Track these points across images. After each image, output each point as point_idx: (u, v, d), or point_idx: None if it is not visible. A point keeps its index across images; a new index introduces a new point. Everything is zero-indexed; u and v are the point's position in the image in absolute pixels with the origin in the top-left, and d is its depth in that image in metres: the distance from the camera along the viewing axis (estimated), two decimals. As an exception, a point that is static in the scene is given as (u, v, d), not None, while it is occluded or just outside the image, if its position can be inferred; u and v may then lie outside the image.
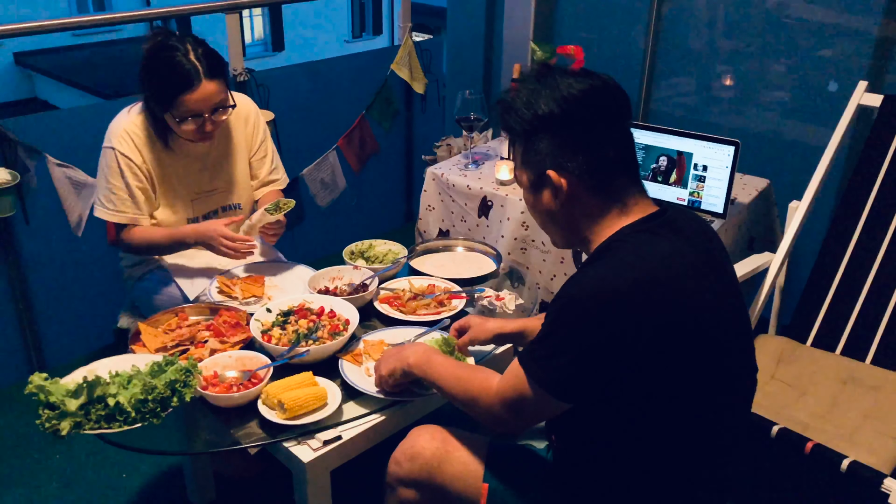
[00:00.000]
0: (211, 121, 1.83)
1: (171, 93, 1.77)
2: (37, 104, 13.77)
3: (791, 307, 2.24)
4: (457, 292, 1.85)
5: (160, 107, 1.82)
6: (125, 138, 1.87)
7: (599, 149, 1.19)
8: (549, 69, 1.24)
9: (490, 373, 1.30)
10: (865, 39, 2.49)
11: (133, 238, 1.93)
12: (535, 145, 1.22)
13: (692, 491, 1.25)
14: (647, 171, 2.36)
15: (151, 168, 1.92)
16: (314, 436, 1.39)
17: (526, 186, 1.28)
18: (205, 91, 1.78)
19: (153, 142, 1.91)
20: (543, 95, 1.19)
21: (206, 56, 1.80)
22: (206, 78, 1.78)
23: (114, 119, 1.92)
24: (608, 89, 1.21)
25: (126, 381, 1.36)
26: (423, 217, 2.72)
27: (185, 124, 1.81)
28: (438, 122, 3.70)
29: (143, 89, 1.85)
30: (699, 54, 2.87)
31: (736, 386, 1.23)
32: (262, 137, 2.11)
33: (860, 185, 2.15)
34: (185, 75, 1.76)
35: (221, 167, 2.04)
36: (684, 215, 1.25)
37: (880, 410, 1.82)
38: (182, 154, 1.96)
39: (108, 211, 1.90)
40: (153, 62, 1.79)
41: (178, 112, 1.79)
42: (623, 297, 1.08)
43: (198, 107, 1.79)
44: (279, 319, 1.67)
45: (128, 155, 1.87)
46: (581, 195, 1.21)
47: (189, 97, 1.77)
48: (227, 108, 1.88)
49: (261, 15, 16.10)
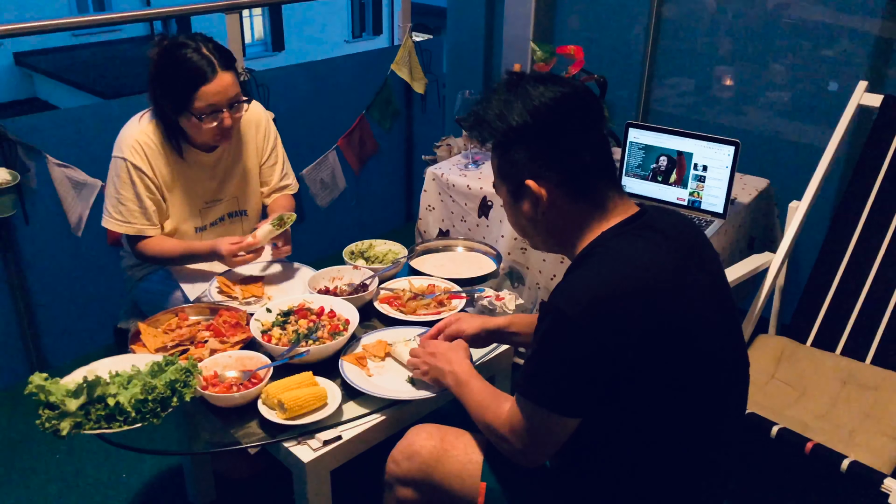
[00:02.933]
0: (230, 116, 1.82)
1: (189, 88, 1.75)
2: (37, 104, 13.78)
3: (791, 307, 2.24)
4: (457, 292, 1.85)
5: (176, 109, 1.79)
6: (137, 149, 1.85)
7: (576, 155, 1.19)
8: (520, 77, 1.24)
9: (504, 400, 1.28)
10: (865, 39, 2.49)
11: (147, 249, 1.92)
12: (510, 156, 1.22)
13: (690, 489, 1.25)
14: (647, 171, 2.36)
15: (162, 179, 1.90)
16: (314, 436, 1.39)
17: (505, 196, 1.28)
18: (222, 82, 1.77)
19: (165, 152, 1.89)
20: (515, 106, 1.19)
21: (218, 49, 1.79)
22: (221, 69, 1.77)
23: (123, 128, 1.90)
24: (579, 95, 1.20)
25: (126, 381, 1.36)
26: (423, 217, 2.72)
27: (205, 122, 1.79)
28: (438, 122, 3.70)
29: (156, 95, 1.82)
30: (699, 54, 2.87)
31: (727, 381, 1.23)
32: (272, 144, 2.10)
33: (860, 185, 2.15)
34: (201, 69, 1.75)
35: (231, 175, 2.03)
36: (664, 214, 1.25)
37: (880, 410, 1.82)
38: (193, 163, 1.94)
39: (116, 222, 1.89)
40: (165, 64, 1.78)
41: (197, 109, 1.77)
42: (606, 305, 1.09)
43: (217, 99, 1.77)
44: (279, 319, 1.67)
45: (139, 166, 1.85)
46: (561, 203, 1.21)
47: (207, 89, 1.75)
48: (243, 103, 1.86)
49: (261, 15, 16.11)
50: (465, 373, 1.39)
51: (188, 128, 1.84)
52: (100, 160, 2.50)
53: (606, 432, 1.20)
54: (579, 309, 1.09)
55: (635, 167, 2.38)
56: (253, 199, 2.10)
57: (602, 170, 1.22)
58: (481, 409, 1.31)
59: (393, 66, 3.29)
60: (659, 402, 1.15)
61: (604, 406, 1.15)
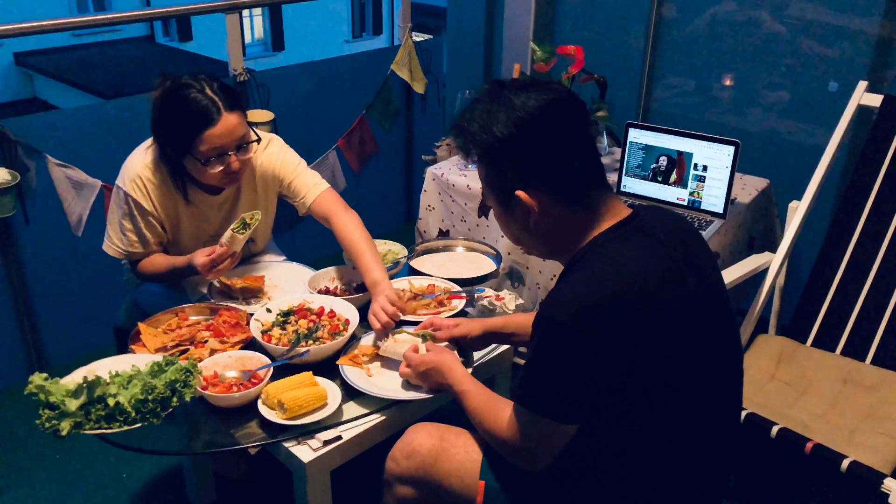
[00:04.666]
0: (238, 159, 1.73)
1: (193, 132, 1.66)
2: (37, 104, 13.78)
3: (791, 307, 2.23)
4: (457, 292, 1.85)
5: (180, 152, 1.71)
6: (139, 185, 1.77)
7: (564, 163, 1.18)
8: (501, 86, 1.22)
9: (505, 406, 1.27)
10: (865, 39, 2.49)
11: (143, 269, 1.88)
12: (497, 168, 1.21)
13: (688, 488, 1.25)
14: (647, 171, 2.36)
15: (165, 214, 1.83)
16: (314, 436, 1.39)
17: (494, 205, 1.27)
18: (227, 124, 1.67)
19: (168, 190, 1.81)
20: (499, 117, 1.17)
21: (223, 89, 1.70)
22: (226, 111, 1.67)
23: (129, 156, 1.82)
24: (563, 101, 1.19)
25: (126, 381, 1.36)
26: (423, 217, 2.72)
27: (210, 166, 1.70)
28: (438, 122, 3.70)
29: (160, 138, 1.74)
30: (699, 54, 2.87)
31: (722, 381, 1.23)
32: (290, 176, 1.94)
33: (860, 185, 2.15)
34: (205, 110, 1.65)
35: (239, 209, 1.94)
36: (656, 215, 1.25)
37: (880, 410, 1.82)
38: (198, 203, 1.87)
39: (116, 248, 1.84)
40: (168, 105, 1.69)
41: (201, 153, 1.68)
42: (597, 312, 1.09)
43: (222, 142, 1.68)
44: (279, 319, 1.67)
45: (140, 203, 1.78)
46: (552, 211, 1.20)
47: (212, 132, 1.66)
48: (252, 144, 1.77)
49: (261, 15, 16.12)
50: (459, 382, 1.39)
51: (193, 171, 1.75)
52: (100, 160, 2.51)
53: (605, 433, 1.21)
54: (571, 317, 1.09)
55: (635, 167, 2.38)
56: (260, 227, 2.00)
57: (591, 174, 1.21)
58: (480, 415, 1.31)
59: (393, 66, 3.29)
60: (655, 403, 1.16)
61: (601, 410, 1.16)
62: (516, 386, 1.21)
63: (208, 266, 1.73)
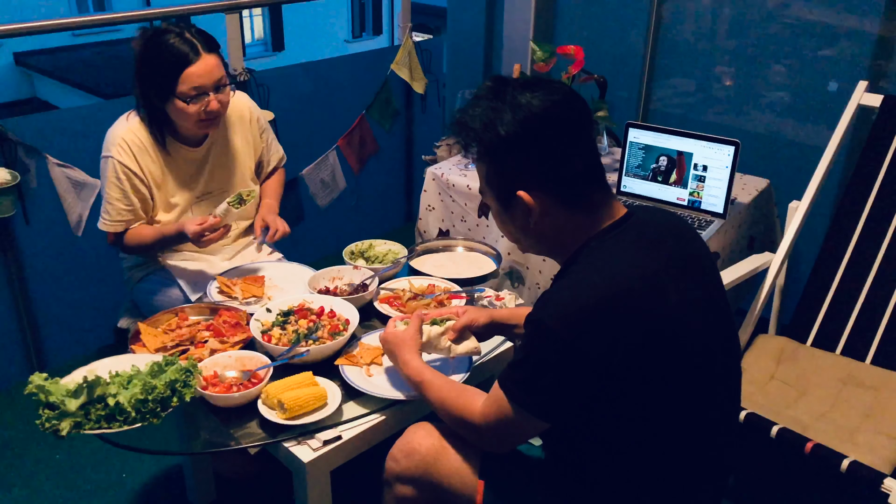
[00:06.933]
0: (216, 99, 1.82)
1: (174, 71, 1.77)
2: (37, 104, 13.77)
3: (791, 307, 2.24)
4: (457, 292, 1.85)
5: (162, 95, 1.80)
6: (123, 147, 1.86)
7: (567, 163, 1.17)
8: (504, 83, 1.20)
9: (475, 394, 1.30)
10: (865, 39, 2.49)
11: (127, 240, 1.94)
12: (499, 166, 1.20)
13: (686, 486, 1.25)
14: (647, 171, 2.36)
15: (151, 176, 1.91)
16: (314, 436, 1.39)
17: (493, 203, 1.26)
18: (206, 64, 1.79)
19: (152, 149, 1.90)
20: (504, 116, 1.16)
21: (200, 34, 1.82)
22: (205, 52, 1.79)
23: (111, 127, 1.91)
24: (567, 101, 1.18)
25: (126, 381, 1.36)
26: (423, 217, 2.72)
27: (191, 104, 1.79)
28: (438, 122, 3.70)
29: (142, 84, 1.84)
30: (699, 54, 2.87)
31: (719, 380, 1.23)
32: (264, 126, 2.14)
33: (860, 185, 2.15)
34: (185, 52, 1.77)
35: (220, 169, 2.04)
36: (652, 215, 1.25)
37: (880, 410, 1.82)
38: (180, 158, 1.95)
39: (107, 222, 1.91)
40: (149, 51, 1.79)
41: (182, 92, 1.78)
42: (587, 315, 1.09)
43: (202, 81, 1.79)
44: (279, 319, 1.67)
45: (126, 164, 1.86)
46: (552, 210, 1.20)
47: (192, 70, 1.77)
48: (229, 86, 1.87)
49: (261, 15, 16.10)
50: (416, 372, 1.39)
51: (175, 114, 1.84)
52: (100, 160, 2.50)
53: (602, 432, 1.21)
54: (560, 323, 1.10)
55: (635, 167, 2.38)
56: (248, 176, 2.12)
57: (592, 174, 1.21)
58: (448, 401, 1.32)
59: (393, 66, 3.29)
60: (651, 404, 1.16)
61: (595, 411, 1.16)
62: (504, 374, 1.22)
63: (199, 234, 1.81)
